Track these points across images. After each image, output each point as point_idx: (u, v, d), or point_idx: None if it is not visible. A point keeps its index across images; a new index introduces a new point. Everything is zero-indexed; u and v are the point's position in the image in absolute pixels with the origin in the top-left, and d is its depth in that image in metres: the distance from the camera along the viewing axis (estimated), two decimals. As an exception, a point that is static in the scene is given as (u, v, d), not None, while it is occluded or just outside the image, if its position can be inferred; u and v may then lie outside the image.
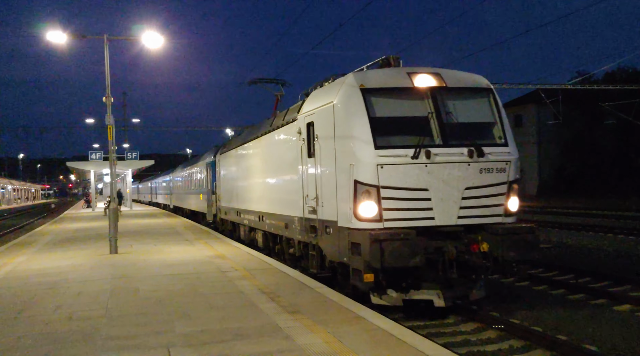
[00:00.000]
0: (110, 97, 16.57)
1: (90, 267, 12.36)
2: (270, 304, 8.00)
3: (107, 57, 16.84)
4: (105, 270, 11.81)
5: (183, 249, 15.23)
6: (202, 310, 7.80)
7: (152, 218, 32.02)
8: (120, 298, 8.85)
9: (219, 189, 21.78)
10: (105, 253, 14.77)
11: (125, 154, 44.08)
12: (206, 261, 12.68)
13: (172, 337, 6.44)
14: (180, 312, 7.69)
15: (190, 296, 8.76)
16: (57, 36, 17.03)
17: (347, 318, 7.04)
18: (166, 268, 11.79)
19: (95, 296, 9.05)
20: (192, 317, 7.38)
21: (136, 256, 14.12)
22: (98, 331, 6.80)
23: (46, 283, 10.41)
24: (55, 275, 11.27)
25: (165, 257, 13.69)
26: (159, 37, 17.88)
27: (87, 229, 24.52)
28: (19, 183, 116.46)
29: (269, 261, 12.45)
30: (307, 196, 10.44)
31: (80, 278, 10.85)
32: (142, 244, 16.82)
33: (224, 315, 7.46)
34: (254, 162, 15.82)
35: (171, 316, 7.45)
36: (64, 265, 12.73)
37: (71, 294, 9.26)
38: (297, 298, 8.34)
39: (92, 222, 29.36)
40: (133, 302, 8.49)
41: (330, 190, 9.30)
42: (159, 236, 19.51)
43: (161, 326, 6.98)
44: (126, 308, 8.06)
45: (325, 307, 7.73)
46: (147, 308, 8.05)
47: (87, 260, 13.53)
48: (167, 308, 8.00)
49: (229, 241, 17.33)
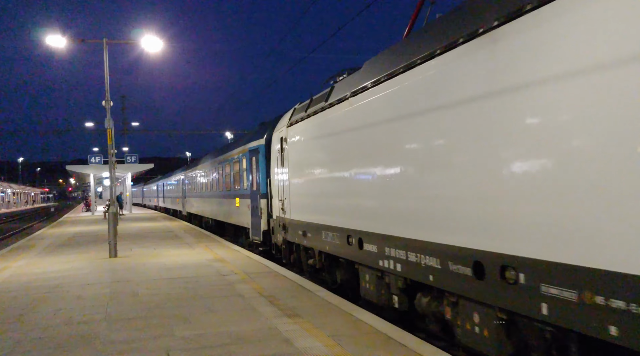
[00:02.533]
0: (109, 101, 16.61)
1: (90, 271, 12.35)
2: (270, 307, 8.00)
3: (107, 61, 16.88)
4: (105, 274, 11.81)
5: (183, 253, 15.23)
6: (202, 313, 7.79)
7: (152, 222, 32.01)
8: (120, 301, 8.84)
9: (279, 190, 13.10)
10: (105, 256, 14.78)
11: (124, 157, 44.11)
12: (206, 265, 12.68)
13: (171, 341, 6.44)
14: (179, 316, 7.69)
15: (189, 300, 8.75)
16: (56, 40, 17.11)
17: (347, 322, 7.04)
18: (166, 272, 11.79)
19: (94, 300, 9.05)
20: (192, 321, 7.38)
21: (136, 259, 14.11)
22: (97, 335, 6.80)
23: (46, 287, 10.40)
24: (55, 279, 11.27)
25: (164, 261, 13.69)
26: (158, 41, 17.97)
27: (86, 232, 24.52)
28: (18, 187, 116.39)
29: (269, 265, 12.45)
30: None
31: (80, 282, 10.84)
32: (141, 248, 16.82)
33: (223, 318, 7.46)
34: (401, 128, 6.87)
35: (170, 320, 7.45)
36: (63, 269, 12.73)
37: (71, 298, 9.26)
38: (297, 302, 8.34)
39: (91, 226, 29.35)
40: (132, 306, 8.48)
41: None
42: (159, 240, 19.51)
43: (160, 330, 6.98)
44: (125, 312, 8.06)
45: (325, 310, 7.73)
46: (147, 311, 8.05)
47: (87, 264, 13.52)
48: (167, 311, 7.99)
49: (228, 245, 17.33)
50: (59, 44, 17.19)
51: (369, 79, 7.83)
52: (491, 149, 5.03)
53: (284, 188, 12.56)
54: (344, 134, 8.76)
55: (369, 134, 7.77)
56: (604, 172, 3.80)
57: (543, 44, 4.36)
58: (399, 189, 6.92)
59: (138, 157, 44.82)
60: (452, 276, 5.61)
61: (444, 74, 5.83)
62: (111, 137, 16.50)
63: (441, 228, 5.89)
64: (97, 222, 32.13)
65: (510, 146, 4.78)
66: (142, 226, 28.13)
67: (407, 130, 6.65)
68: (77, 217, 41.61)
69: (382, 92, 7.35)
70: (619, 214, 3.68)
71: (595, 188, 3.88)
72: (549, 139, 4.30)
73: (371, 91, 7.70)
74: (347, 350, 5.86)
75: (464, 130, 5.46)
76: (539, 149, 4.42)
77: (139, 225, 28.68)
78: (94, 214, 43.28)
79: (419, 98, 6.38)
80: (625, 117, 3.63)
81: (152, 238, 20.58)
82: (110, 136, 16.48)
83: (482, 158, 5.17)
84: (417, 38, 6.82)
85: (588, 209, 3.93)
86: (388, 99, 7.19)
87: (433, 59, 6.05)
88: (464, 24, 5.59)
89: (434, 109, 6.03)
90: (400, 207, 6.89)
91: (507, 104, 4.79)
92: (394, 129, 6.98)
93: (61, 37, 17.12)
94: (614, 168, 3.73)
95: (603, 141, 3.80)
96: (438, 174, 6.00)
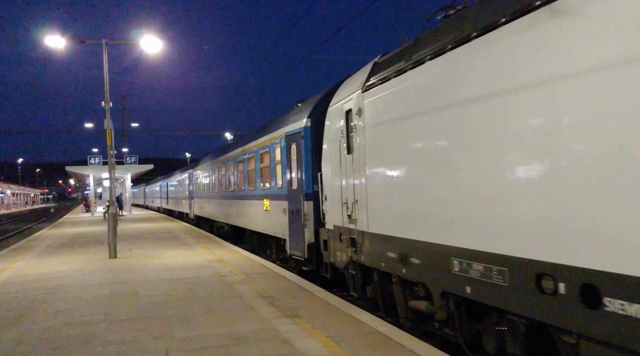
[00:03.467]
0: (109, 102, 16.62)
1: (90, 272, 12.35)
2: (269, 308, 8.00)
3: (106, 61, 16.88)
4: (105, 275, 11.80)
5: (182, 254, 15.22)
6: (201, 314, 7.79)
7: (151, 222, 32.00)
8: (120, 302, 8.84)
9: (342, 189, 9.29)
10: (105, 257, 14.78)
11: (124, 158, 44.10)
12: (205, 266, 12.68)
13: (170, 342, 6.44)
14: (179, 317, 7.69)
15: (189, 301, 8.76)
16: (55, 41, 17.12)
17: (347, 322, 7.05)
18: (165, 273, 11.79)
19: (94, 300, 9.05)
20: (191, 322, 7.38)
21: (135, 260, 14.11)
22: (97, 336, 6.80)
23: (45, 288, 10.40)
24: (55, 280, 11.27)
25: (164, 261, 13.69)
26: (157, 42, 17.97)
27: (86, 233, 24.51)
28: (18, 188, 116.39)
29: (268, 265, 12.45)
30: None
31: (80, 283, 10.84)
32: (141, 249, 16.82)
33: (222, 319, 7.46)
34: None
35: (170, 321, 7.45)
36: (63, 270, 12.73)
37: (70, 299, 9.26)
38: (296, 302, 8.34)
39: (91, 226, 29.35)
40: (132, 307, 8.48)
41: None
42: (158, 241, 19.51)
43: (160, 330, 6.98)
44: (125, 313, 8.06)
45: (325, 311, 7.73)
46: (146, 312, 8.05)
47: (87, 265, 13.52)
48: (166, 312, 7.99)
49: (228, 246, 17.33)
50: (58, 44, 17.20)
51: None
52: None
53: (354, 185, 8.74)
54: (494, 95, 5.16)
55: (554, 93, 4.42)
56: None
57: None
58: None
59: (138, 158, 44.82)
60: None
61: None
62: (111, 138, 16.50)
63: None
64: (96, 223, 32.12)
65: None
66: (142, 227, 28.12)
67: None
68: (77, 218, 41.60)
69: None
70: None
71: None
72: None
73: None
74: (347, 350, 5.87)
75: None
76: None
77: (138, 226, 28.68)
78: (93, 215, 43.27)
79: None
80: None
81: (151, 238, 20.58)
82: (110, 137, 16.48)
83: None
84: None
85: None
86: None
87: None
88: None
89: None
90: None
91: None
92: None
93: (60, 38, 17.13)
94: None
95: None
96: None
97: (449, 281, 5.93)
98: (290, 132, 12.85)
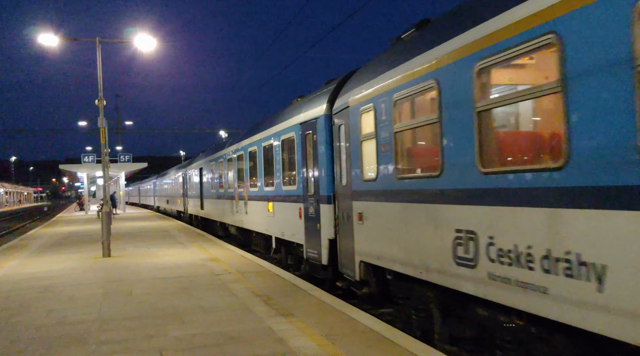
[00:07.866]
0: (102, 100, 16.53)
1: (83, 271, 12.30)
2: (264, 307, 8.00)
3: (100, 59, 16.80)
4: (98, 274, 11.76)
5: (176, 252, 15.19)
6: (195, 313, 7.78)
7: (145, 221, 31.91)
8: (113, 301, 8.81)
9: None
10: (98, 256, 14.72)
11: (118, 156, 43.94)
12: (199, 264, 12.65)
13: (164, 341, 6.43)
14: (173, 316, 7.67)
15: (183, 300, 8.74)
16: (49, 39, 17.01)
17: (341, 321, 7.05)
18: (159, 271, 11.76)
19: (87, 299, 9.02)
20: (185, 321, 7.36)
21: (129, 259, 14.06)
22: (91, 335, 6.77)
23: (38, 287, 10.36)
24: (48, 279, 11.22)
25: (158, 260, 13.66)
26: (151, 40, 17.89)
27: (79, 232, 24.42)
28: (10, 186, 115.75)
29: (263, 264, 12.44)
30: None
31: (73, 282, 10.80)
32: (135, 248, 16.77)
33: (217, 318, 7.45)
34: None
35: (164, 320, 7.44)
36: (56, 269, 12.67)
37: (64, 298, 9.22)
38: (291, 301, 8.34)
39: (84, 225, 29.24)
40: (126, 306, 8.46)
41: None
42: (152, 239, 19.46)
43: (154, 329, 6.96)
44: (119, 312, 8.03)
45: (319, 310, 7.74)
46: (140, 311, 8.03)
47: (80, 264, 13.47)
48: (160, 311, 7.97)
49: (222, 244, 17.30)
50: (51, 42, 17.10)
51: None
52: None
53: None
54: None
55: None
56: None
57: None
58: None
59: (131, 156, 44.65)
60: None
61: None
62: (104, 137, 16.44)
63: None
64: (90, 221, 32.00)
65: None
66: (136, 225, 28.04)
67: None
68: (71, 216, 41.43)
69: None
70: None
71: None
72: None
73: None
74: (341, 349, 5.87)
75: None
76: None
77: (132, 224, 28.59)
78: (87, 214, 43.08)
79: None
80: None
81: (145, 237, 20.52)
82: (104, 135, 16.42)
83: None
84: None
85: None
86: None
87: None
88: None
89: None
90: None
91: None
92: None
93: (54, 36, 17.03)
94: None
95: None
96: None
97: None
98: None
